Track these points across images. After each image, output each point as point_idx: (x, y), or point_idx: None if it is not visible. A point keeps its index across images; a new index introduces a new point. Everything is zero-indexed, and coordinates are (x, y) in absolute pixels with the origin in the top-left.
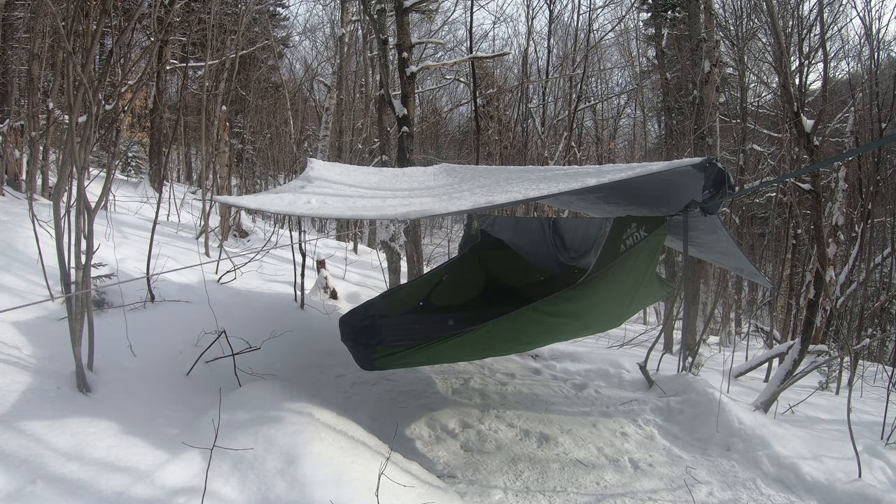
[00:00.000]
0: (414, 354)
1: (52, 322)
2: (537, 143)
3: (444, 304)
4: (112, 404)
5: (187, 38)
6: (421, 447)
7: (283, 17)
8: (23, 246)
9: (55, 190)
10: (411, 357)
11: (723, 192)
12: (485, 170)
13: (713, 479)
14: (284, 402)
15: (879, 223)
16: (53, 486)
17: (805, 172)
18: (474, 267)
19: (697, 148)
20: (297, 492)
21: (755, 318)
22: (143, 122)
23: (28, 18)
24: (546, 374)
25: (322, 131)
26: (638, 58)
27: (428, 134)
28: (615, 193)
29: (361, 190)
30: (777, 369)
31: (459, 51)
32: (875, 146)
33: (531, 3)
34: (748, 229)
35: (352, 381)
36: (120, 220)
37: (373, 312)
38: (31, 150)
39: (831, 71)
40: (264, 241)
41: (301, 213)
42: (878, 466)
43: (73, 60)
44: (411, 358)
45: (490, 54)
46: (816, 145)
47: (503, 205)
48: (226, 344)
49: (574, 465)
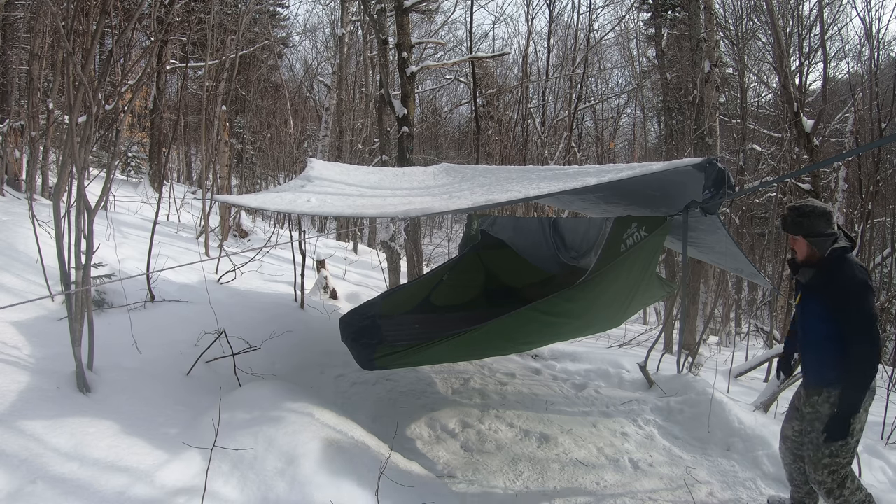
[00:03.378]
0: (414, 354)
1: (52, 322)
2: (537, 143)
3: (445, 304)
4: (112, 404)
5: (187, 38)
6: (421, 447)
7: (283, 17)
8: (23, 246)
9: (55, 190)
10: (412, 357)
11: (723, 192)
12: (485, 169)
13: (713, 479)
14: (284, 402)
15: (879, 223)
16: (53, 486)
17: (805, 172)
18: (474, 267)
19: (697, 148)
20: (297, 492)
21: (755, 318)
22: (143, 122)
23: (28, 18)
24: (546, 374)
25: (322, 131)
26: (638, 58)
27: (428, 134)
28: (615, 193)
29: (361, 189)
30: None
31: (459, 51)
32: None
33: (531, 3)
34: (748, 229)
35: (352, 381)
36: (120, 220)
37: (373, 312)
38: (31, 150)
39: (831, 71)
40: (264, 241)
41: (301, 211)
42: (878, 466)
43: (73, 60)
44: (412, 357)
45: (490, 54)
46: (816, 145)
47: (503, 204)
48: (226, 344)
49: (574, 465)
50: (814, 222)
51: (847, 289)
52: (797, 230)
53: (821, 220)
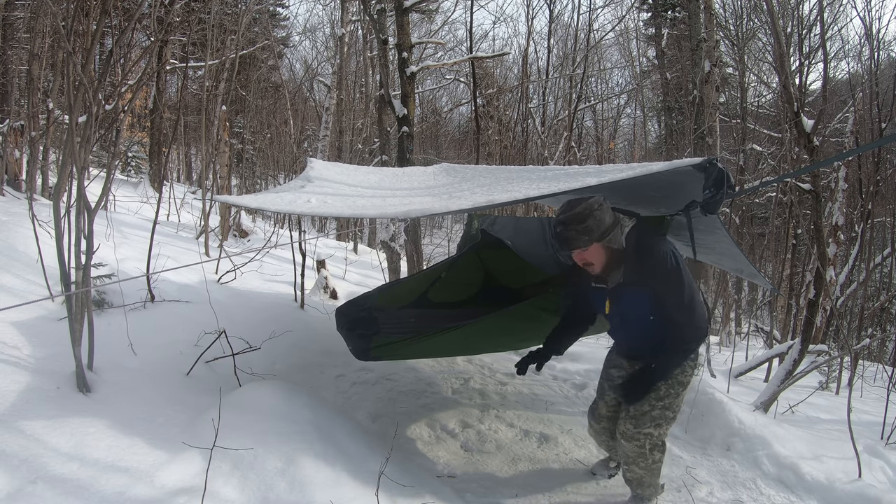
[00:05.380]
0: (410, 346)
1: (52, 322)
2: (537, 143)
3: (442, 301)
4: (112, 404)
5: (187, 38)
6: (421, 447)
7: (283, 17)
8: (22, 246)
9: (55, 190)
10: (408, 348)
11: (723, 192)
12: (485, 169)
13: (713, 479)
14: (284, 402)
15: (879, 223)
16: (53, 486)
17: (805, 172)
18: (474, 266)
19: (697, 148)
20: (297, 492)
21: (755, 318)
22: (143, 122)
23: (28, 18)
24: (546, 374)
25: (322, 131)
26: (638, 58)
27: (428, 134)
28: (615, 194)
29: (361, 189)
30: (777, 369)
31: (459, 51)
32: (875, 146)
33: (531, 3)
34: (748, 229)
35: (352, 381)
36: (120, 220)
37: (370, 304)
38: (31, 150)
39: (831, 71)
40: (264, 241)
41: (301, 212)
42: (878, 466)
43: (73, 60)
44: (408, 349)
45: (490, 54)
46: (816, 145)
47: (503, 204)
48: (226, 344)
49: (574, 464)
50: (599, 219)
51: (666, 272)
52: (586, 240)
53: (600, 211)
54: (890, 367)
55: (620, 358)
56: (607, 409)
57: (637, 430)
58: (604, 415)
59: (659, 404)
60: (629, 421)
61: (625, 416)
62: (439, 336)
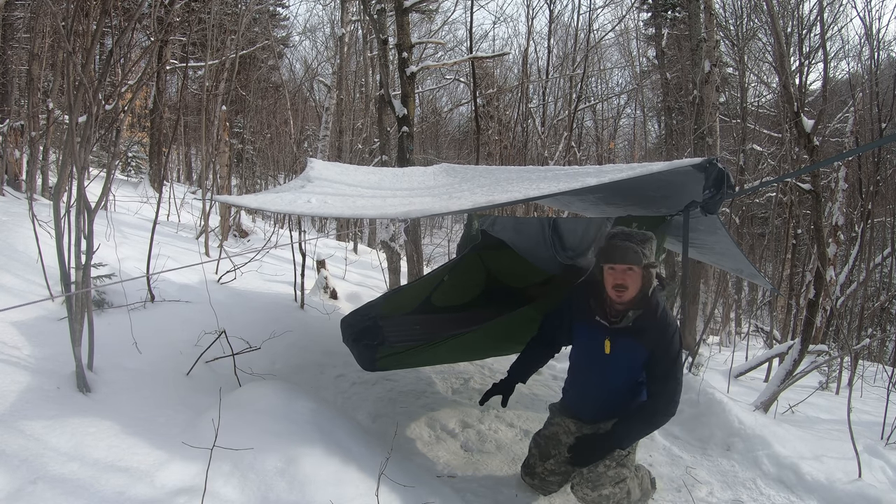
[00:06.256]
0: (416, 355)
1: (52, 322)
2: (537, 143)
3: (445, 305)
4: (112, 404)
5: (187, 38)
6: (421, 447)
7: (283, 17)
8: (22, 246)
9: (55, 190)
10: (413, 357)
11: (723, 192)
12: (485, 170)
13: (713, 479)
14: (284, 402)
15: (879, 223)
16: (53, 486)
17: (805, 172)
18: (475, 267)
19: (697, 148)
20: (297, 491)
21: (755, 318)
22: (143, 122)
23: (28, 18)
24: (546, 374)
25: (322, 131)
26: (638, 58)
27: (428, 134)
28: (615, 194)
29: (361, 189)
30: (777, 369)
31: (459, 51)
32: (875, 146)
33: (531, 3)
34: (748, 229)
35: (352, 381)
36: (120, 220)
37: (374, 313)
38: (31, 150)
39: (831, 71)
40: (264, 241)
41: (301, 212)
42: (878, 466)
43: (73, 60)
44: (414, 358)
45: (490, 54)
46: (816, 145)
47: (503, 204)
48: (226, 344)
49: None
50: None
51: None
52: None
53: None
54: (890, 367)
55: (567, 420)
56: (548, 471)
57: (598, 493)
58: (544, 475)
59: (613, 463)
60: (586, 485)
61: (579, 480)
62: (445, 343)
